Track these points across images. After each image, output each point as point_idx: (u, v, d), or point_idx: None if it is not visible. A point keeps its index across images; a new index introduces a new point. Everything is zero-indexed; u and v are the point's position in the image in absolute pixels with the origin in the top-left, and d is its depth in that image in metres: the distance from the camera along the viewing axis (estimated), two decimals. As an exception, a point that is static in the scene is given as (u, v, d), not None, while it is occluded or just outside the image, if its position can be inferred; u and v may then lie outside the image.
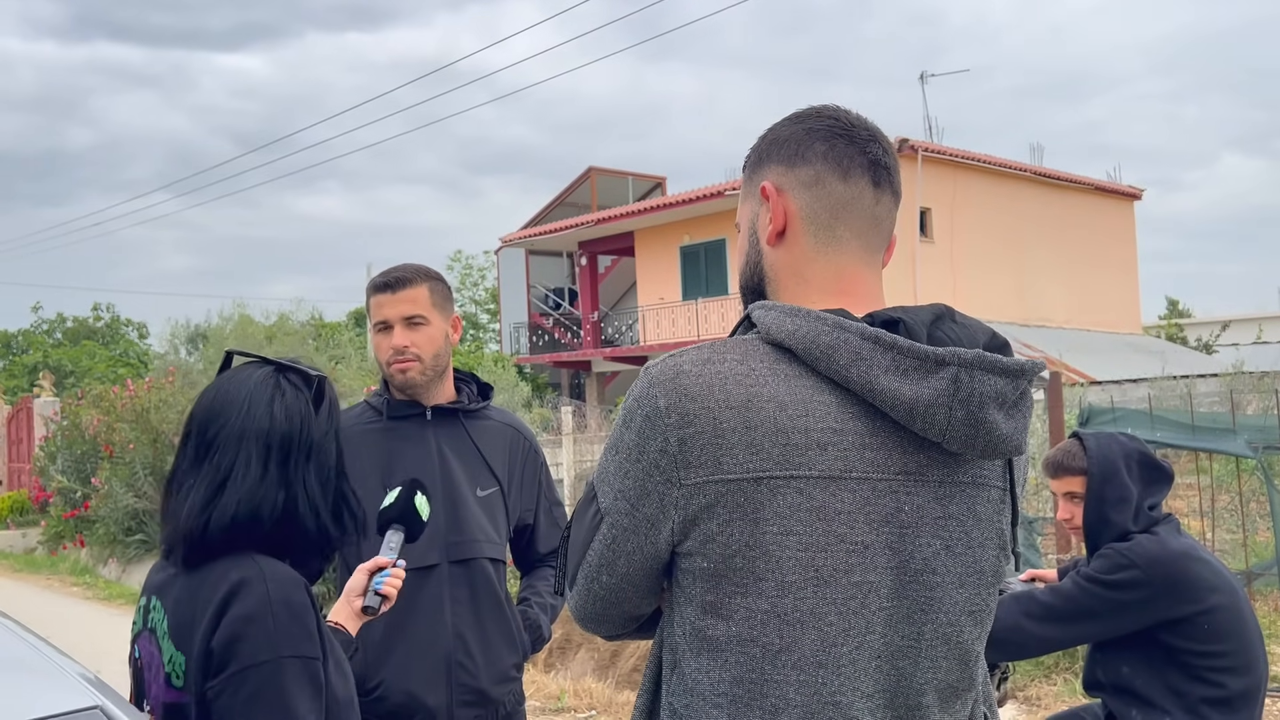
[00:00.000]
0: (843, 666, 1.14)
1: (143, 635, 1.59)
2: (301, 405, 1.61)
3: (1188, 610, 2.38)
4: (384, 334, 2.36)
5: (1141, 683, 2.44)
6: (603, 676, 7.33)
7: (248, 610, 1.44)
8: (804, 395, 1.14)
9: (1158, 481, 2.52)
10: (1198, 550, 2.47)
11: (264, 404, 1.58)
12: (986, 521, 1.21)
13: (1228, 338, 28.51)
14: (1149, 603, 2.39)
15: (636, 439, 1.18)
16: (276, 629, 1.43)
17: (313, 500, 1.57)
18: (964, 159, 21.64)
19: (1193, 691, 2.38)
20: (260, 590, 1.45)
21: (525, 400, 16.73)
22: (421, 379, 2.36)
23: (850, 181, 1.25)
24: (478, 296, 43.63)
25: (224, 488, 1.53)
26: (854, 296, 1.24)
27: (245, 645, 1.43)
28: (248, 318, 20.36)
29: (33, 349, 39.29)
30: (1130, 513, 2.46)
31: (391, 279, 2.36)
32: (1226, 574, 2.48)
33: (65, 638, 1.74)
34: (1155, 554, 2.40)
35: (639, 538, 1.19)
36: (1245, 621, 2.44)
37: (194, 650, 1.47)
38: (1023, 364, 1.14)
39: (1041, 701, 5.55)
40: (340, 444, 1.67)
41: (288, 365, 1.66)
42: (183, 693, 1.48)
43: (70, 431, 13.97)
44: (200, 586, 1.50)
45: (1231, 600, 2.42)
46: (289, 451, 1.57)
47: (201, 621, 1.46)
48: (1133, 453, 2.52)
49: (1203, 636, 2.38)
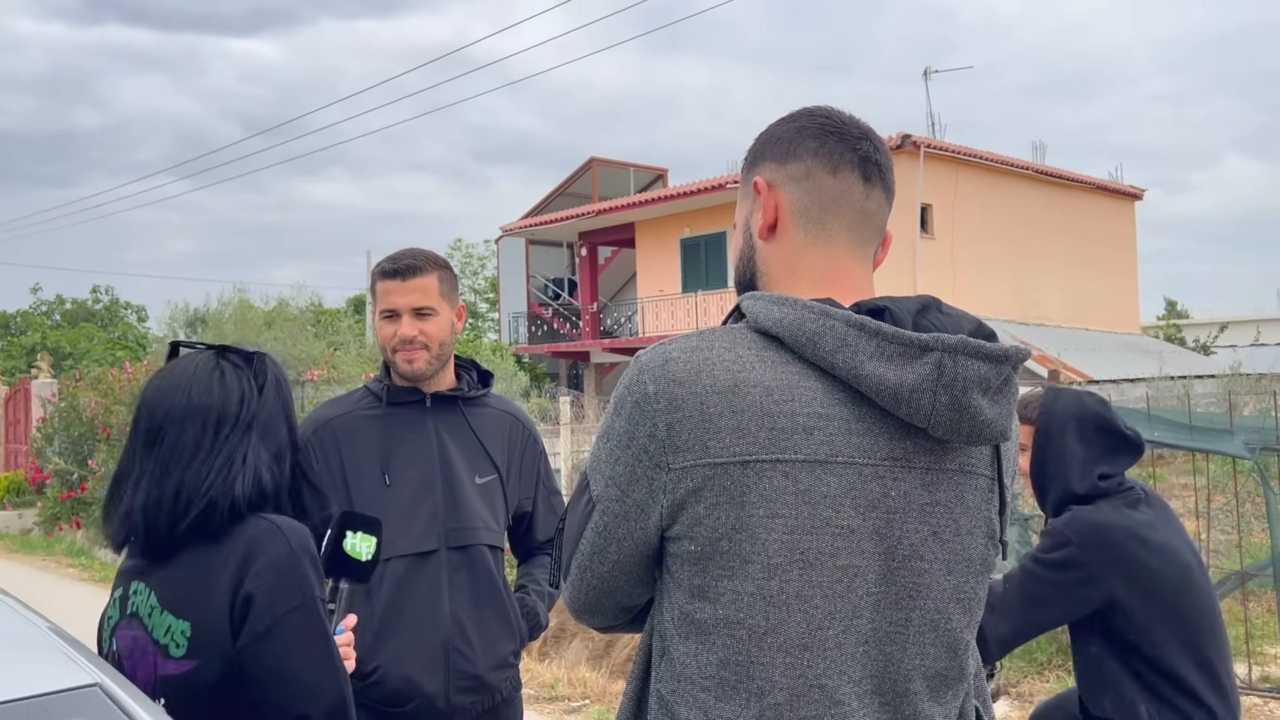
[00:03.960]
0: (829, 650, 1.15)
1: (120, 625, 1.59)
2: (242, 381, 1.63)
3: (1134, 592, 2.24)
4: (390, 322, 2.34)
5: (1109, 666, 2.32)
6: (597, 666, 7.35)
7: (276, 562, 1.50)
8: (790, 381, 1.15)
9: (1117, 450, 2.37)
10: (1144, 529, 2.30)
11: (204, 384, 1.61)
12: (975, 510, 1.22)
13: (1226, 339, 28.55)
14: (1091, 582, 2.25)
15: (626, 425, 1.20)
16: (303, 574, 1.51)
17: (259, 474, 1.59)
18: (966, 156, 21.62)
19: (1157, 678, 2.25)
20: (280, 541, 1.51)
21: (523, 390, 16.74)
22: (428, 369, 2.35)
23: (840, 176, 1.27)
24: (477, 285, 43.63)
25: (169, 472, 1.56)
26: (843, 288, 1.26)
27: (281, 594, 1.49)
28: (247, 302, 20.33)
29: (31, 330, 39.26)
30: (1067, 476, 2.33)
31: (402, 266, 2.34)
32: (1181, 554, 2.31)
33: (61, 618, 1.74)
34: (1090, 529, 2.27)
35: (630, 523, 1.21)
36: (1201, 607, 2.29)
37: (208, 613, 1.49)
38: (1006, 350, 1.15)
39: (1034, 698, 5.57)
40: (293, 420, 1.69)
41: (227, 347, 1.70)
42: (186, 660, 1.49)
43: (68, 413, 13.97)
44: (205, 550, 1.53)
45: (1182, 584, 2.27)
46: (232, 426, 1.59)
47: (217, 583, 1.49)
48: (1089, 415, 2.38)
49: (1153, 622, 2.24)
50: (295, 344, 17.67)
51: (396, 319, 2.33)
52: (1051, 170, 23.77)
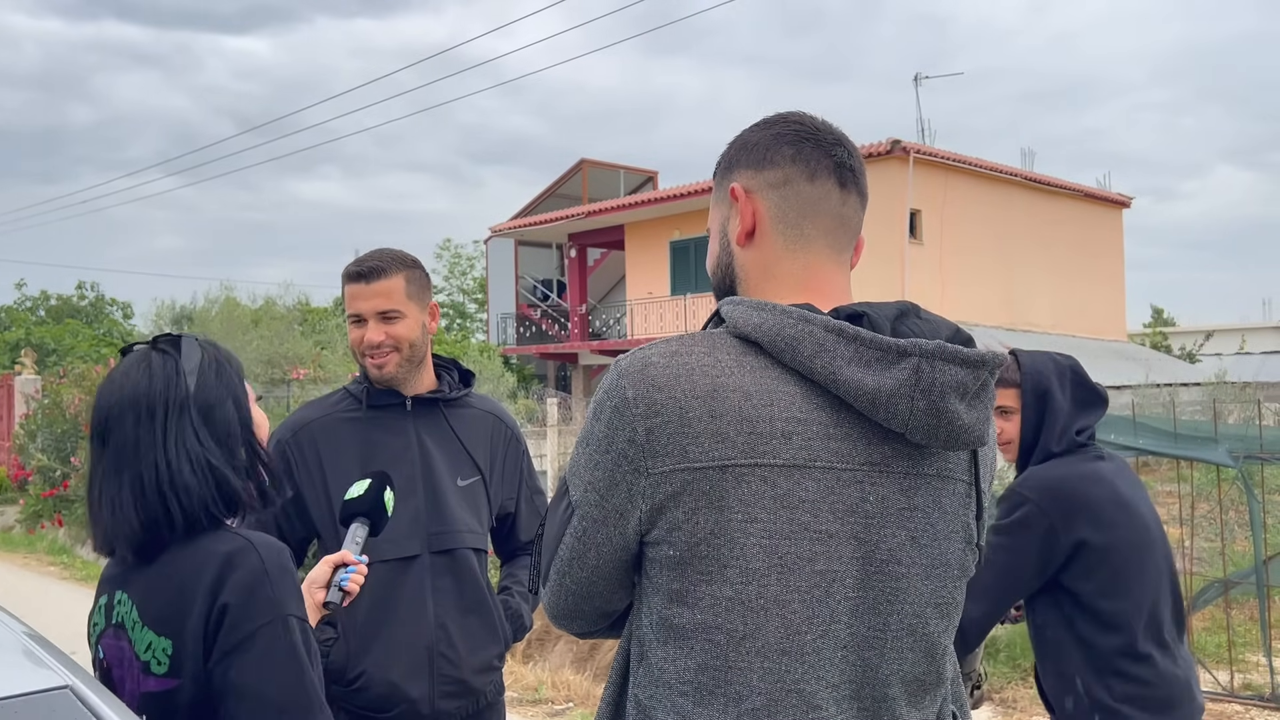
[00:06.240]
0: (806, 655, 1.14)
1: (107, 634, 1.57)
2: (167, 366, 1.61)
3: (1100, 533, 2.17)
4: (358, 326, 2.32)
5: (1052, 636, 2.26)
6: (581, 669, 7.33)
7: (247, 578, 1.47)
8: (769, 386, 1.15)
9: (1090, 404, 2.34)
10: (1103, 477, 2.24)
11: (134, 376, 1.60)
12: (952, 514, 1.22)
13: (1211, 347, 28.75)
14: (1054, 532, 2.18)
15: (605, 430, 1.19)
16: (276, 591, 1.49)
17: (197, 458, 1.56)
18: (955, 162, 21.69)
19: (1104, 640, 2.18)
20: (254, 557, 1.49)
21: (510, 391, 16.70)
22: (398, 372, 2.32)
23: (817, 183, 1.28)
24: (466, 286, 43.53)
25: (121, 470, 1.55)
26: (822, 293, 1.26)
27: (251, 609, 1.47)
28: (234, 300, 20.27)
29: (15, 326, 38.96)
30: (1057, 433, 2.29)
31: (365, 268, 2.30)
32: (1139, 510, 2.25)
33: (41, 617, 1.72)
34: (1045, 483, 2.22)
35: (608, 529, 1.21)
36: (1158, 567, 2.23)
37: (187, 631, 1.47)
38: (983, 355, 1.16)
39: (1018, 704, 5.57)
40: (240, 399, 1.65)
41: (159, 336, 1.68)
42: (167, 679, 1.47)
43: (51, 410, 13.90)
44: (181, 568, 1.50)
45: (1140, 537, 2.21)
46: (165, 412, 1.57)
47: (194, 602, 1.47)
48: (1066, 370, 2.35)
49: (1112, 575, 2.17)
50: (282, 342, 17.60)
51: (363, 323, 2.31)
52: (1040, 177, 23.87)
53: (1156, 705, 2.17)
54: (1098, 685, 2.19)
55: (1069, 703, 2.24)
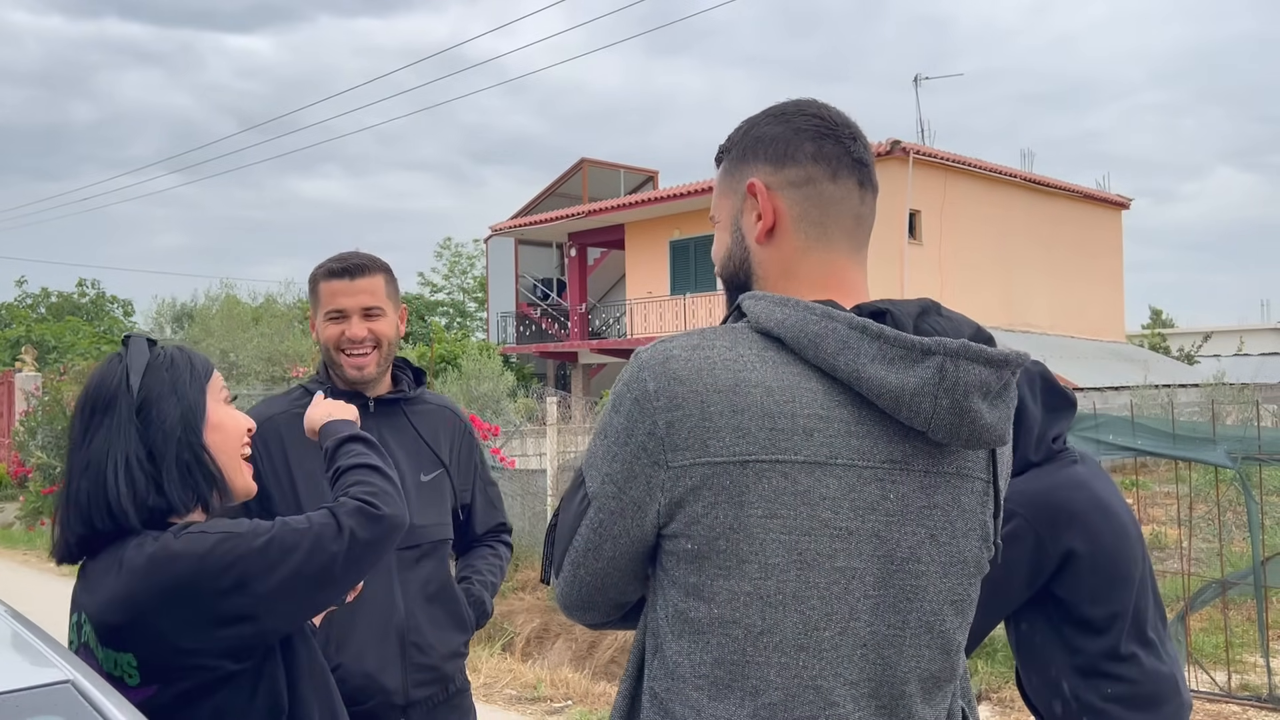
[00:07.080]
0: (825, 651, 1.15)
1: (81, 652, 1.55)
2: (113, 364, 1.58)
3: (1087, 541, 2.15)
4: (337, 323, 2.32)
5: (1039, 641, 2.23)
6: (580, 667, 7.34)
7: (177, 577, 1.44)
8: (791, 382, 1.15)
9: (1061, 409, 2.31)
10: (1084, 483, 2.23)
11: (90, 378, 1.59)
12: (970, 512, 1.23)
13: (1209, 349, 28.77)
14: (1041, 548, 2.16)
15: (625, 422, 1.19)
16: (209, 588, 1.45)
17: (126, 456, 1.52)
18: (954, 162, 21.69)
19: (1089, 644, 2.17)
20: (180, 564, 1.45)
21: (510, 390, 16.69)
22: (377, 371, 2.35)
23: (839, 182, 1.27)
24: (466, 284, 43.52)
25: (70, 474, 1.55)
26: (843, 291, 1.26)
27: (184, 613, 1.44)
28: (234, 298, 20.28)
29: (16, 323, 38.96)
30: (1032, 442, 2.26)
31: (350, 265, 2.33)
32: (1117, 511, 2.23)
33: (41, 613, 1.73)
34: (1029, 493, 2.19)
35: (626, 521, 1.20)
36: (1137, 569, 2.21)
37: (144, 641, 1.45)
38: (1007, 355, 1.16)
39: (1016, 704, 5.58)
40: (183, 393, 1.59)
41: (129, 336, 1.66)
42: (144, 687, 1.47)
43: (51, 407, 13.89)
44: (117, 575, 1.47)
45: (1120, 539, 2.19)
46: (104, 414, 1.55)
47: (140, 614, 1.45)
48: (1035, 377, 2.29)
49: (1099, 579, 2.16)
50: (282, 340, 17.62)
51: (344, 319, 2.32)
52: (1040, 178, 23.87)
53: (1143, 702, 2.18)
54: (1085, 688, 2.19)
55: (1057, 707, 2.24)
